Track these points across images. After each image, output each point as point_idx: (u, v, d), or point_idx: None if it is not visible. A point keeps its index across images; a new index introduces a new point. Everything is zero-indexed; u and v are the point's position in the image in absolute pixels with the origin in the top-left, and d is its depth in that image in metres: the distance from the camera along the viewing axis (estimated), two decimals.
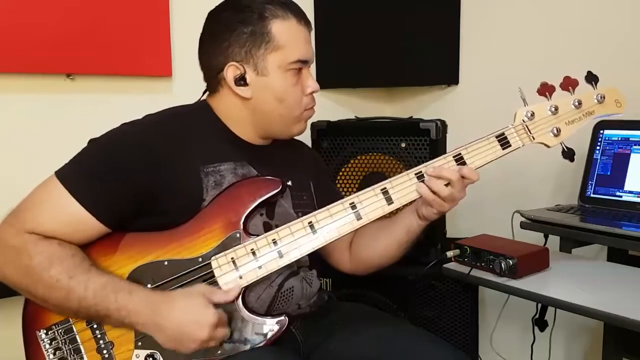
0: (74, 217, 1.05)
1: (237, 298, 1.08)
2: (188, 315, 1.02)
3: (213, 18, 1.18)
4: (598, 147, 1.63)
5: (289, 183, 1.20)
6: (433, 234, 1.67)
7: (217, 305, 1.05)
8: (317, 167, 1.38)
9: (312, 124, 1.80)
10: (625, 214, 1.50)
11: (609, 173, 1.60)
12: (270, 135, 1.22)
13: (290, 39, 1.14)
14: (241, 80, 1.14)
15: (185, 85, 1.82)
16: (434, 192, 1.13)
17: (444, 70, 2.15)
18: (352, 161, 1.78)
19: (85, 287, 1.02)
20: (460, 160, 1.15)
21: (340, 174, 1.79)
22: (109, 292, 1.03)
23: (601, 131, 1.64)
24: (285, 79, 1.15)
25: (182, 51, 1.83)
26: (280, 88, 1.15)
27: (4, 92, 1.58)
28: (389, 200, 1.13)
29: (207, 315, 1.02)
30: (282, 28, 1.13)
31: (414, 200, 1.17)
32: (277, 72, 1.14)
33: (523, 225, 1.55)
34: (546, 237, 1.56)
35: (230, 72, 1.14)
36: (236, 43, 1.13)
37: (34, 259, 1.02)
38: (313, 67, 1.23)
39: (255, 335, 1.07)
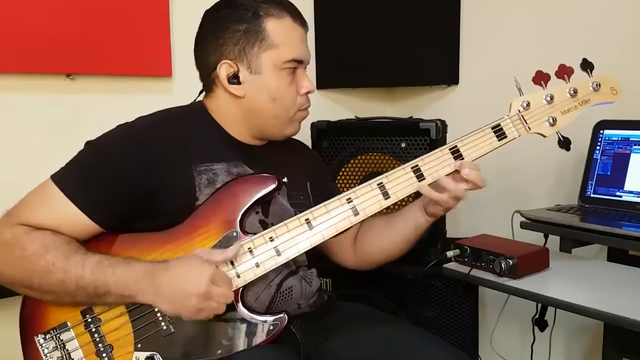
0: (67, 216, 1.06)
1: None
2: (185, 272, 1.01)
3: (208, 16, 1.19)
4: (598, 147, 1.63)
5: (285, 180, 1.20)
6: (433, 234, 1.67)
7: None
8: (314, 166, 1.38)
9: (312, 124, 1.80)
10: (625, 214, 1.49)
11: (609, 173, 1.60)
12: (264, 135, 1.22)
13: (285, 37, 1.13)
14: (234, 79, 1.14)
15: (185, 85, 1.82)
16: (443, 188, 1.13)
17: (444, 70, 2.15)
18: (352, 161, 1.78)
19: (82, 265, 1.02)
20: (456, 152, 1.15)
21: (340, 174, 1.78)
22: (106, 266, 1.03)
23: (601, 131, 1.63)
24: (280, 77, 1.14)
25: (182, 51, 1.82)
26: (274, 87, 1.15)
27: (4, 92, 1.58)
28: (386, 195, 1.13)
29: (203, 268, 1.01)
30: (276, 26, 1.13)
31: (412, 195, 1.17)
32: (271, 71, 1.14)
33: (523, 225, 1.55)
34: (546, 237, 1.56)
35: (223, 70, 1.14)
36: (230, 41, 1.13)
37: (29, 249, 1.02)
38: (313, 67, 1.24)
39: (255, 333, 1.07)
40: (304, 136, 1.64)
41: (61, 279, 1.02)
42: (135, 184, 1.08)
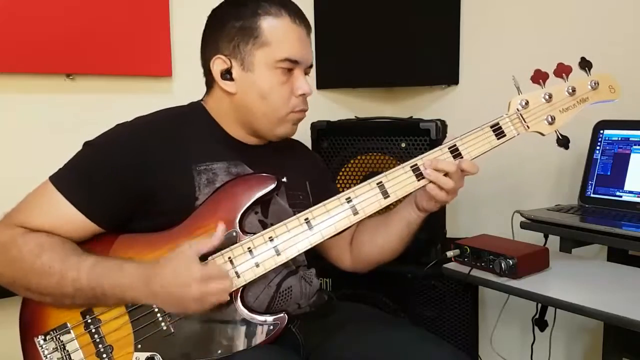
0: (66, 217, 1.06)
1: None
2: (175, 278, 1.01)
3: (211, 14, 1.19)
4: (598, 147, 1.63)
5: (284, 180, 1.20)
6: (433, 234, 1.67)
7: (215, 308, 1.04)
8: (314, 167, 1.37)
9: (312, 124, 1.80)
10: (625, 214, 1.49)
11: (609, 173, 1.60)
12: (256, 133, 1.21)
13: (280, 36, 1.13)
14: (227, 74, 1.15)
15: (185, 85, 1.82)
16: (440, 188, 1.13)
17: (444, 70, 2.15)
18: (352, 161, 1.78)
19: (78, 268, 1.03)
20: (455, 151, 1.15)
21: (340, 174, 1.79)
22: (100, 270, 1.03)
23: (601, 131, 1.63)
24: (272, 76, 1.14)
25: (182, 51, 1.83)
26: (264, 85, 1.14)
27: (4, 92, 1.58)
28: (385, 194, 1.13)
29: (190, 272, 1.00)
30: (272, 25, 1.13)
31: (411, 193, 1.17)
32: (263, 69, 1.13)
33: (523, 225, 1.55)
34: (546, 237, 1.56)
35: (216, 65, 1.15)
36: (225, 37, 1.14)
37: (23, 249, 1.03)
38: (313, 67, 1.23)
39: (255, 333, 1.07)
40: (304, 136, 1.64)
41: (58, 282, 1.03)
42: (133, 184, 1.08)
